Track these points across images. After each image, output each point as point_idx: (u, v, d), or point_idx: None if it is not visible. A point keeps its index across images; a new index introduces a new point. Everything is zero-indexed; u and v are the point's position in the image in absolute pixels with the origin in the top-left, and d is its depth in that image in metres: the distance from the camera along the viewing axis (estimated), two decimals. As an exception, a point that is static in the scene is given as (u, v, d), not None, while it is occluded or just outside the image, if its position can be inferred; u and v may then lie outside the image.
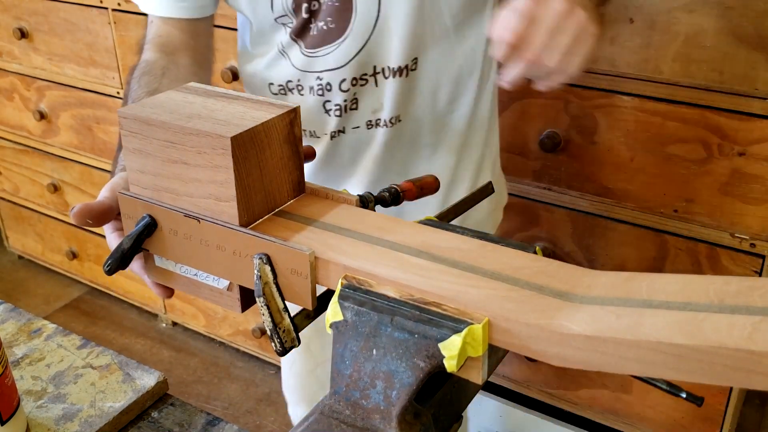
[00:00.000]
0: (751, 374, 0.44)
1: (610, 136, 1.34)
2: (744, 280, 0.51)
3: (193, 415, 0.76)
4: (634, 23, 1.24)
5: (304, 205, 0.69)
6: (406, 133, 1.05)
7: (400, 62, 0.98)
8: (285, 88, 1.03)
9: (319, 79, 0.99)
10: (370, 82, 1.00)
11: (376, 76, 0.99)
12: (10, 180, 2.51)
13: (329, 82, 0.99)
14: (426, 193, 0.81)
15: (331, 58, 0.98)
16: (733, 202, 1.28)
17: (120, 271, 0.69)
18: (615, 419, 1.59)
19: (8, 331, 0.86)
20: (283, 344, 0.62)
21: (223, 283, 0.67)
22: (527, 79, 0.75)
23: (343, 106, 1.01)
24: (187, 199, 0.66)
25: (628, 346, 0.48)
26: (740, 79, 1.19)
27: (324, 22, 0.95)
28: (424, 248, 0.61)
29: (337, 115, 1.02)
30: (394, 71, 0.99)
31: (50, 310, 2.48)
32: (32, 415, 0.74)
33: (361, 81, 0.99)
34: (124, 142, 0.68)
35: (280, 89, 1.03)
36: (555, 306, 0.52)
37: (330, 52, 0.97)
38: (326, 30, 0.96)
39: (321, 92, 1.00)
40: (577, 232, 1.46)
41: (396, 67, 0.98)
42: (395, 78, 0.99)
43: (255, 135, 0.63)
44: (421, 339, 0.53)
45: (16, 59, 2.21)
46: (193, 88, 0.72)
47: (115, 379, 0.78)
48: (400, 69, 0.99)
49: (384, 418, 0.56)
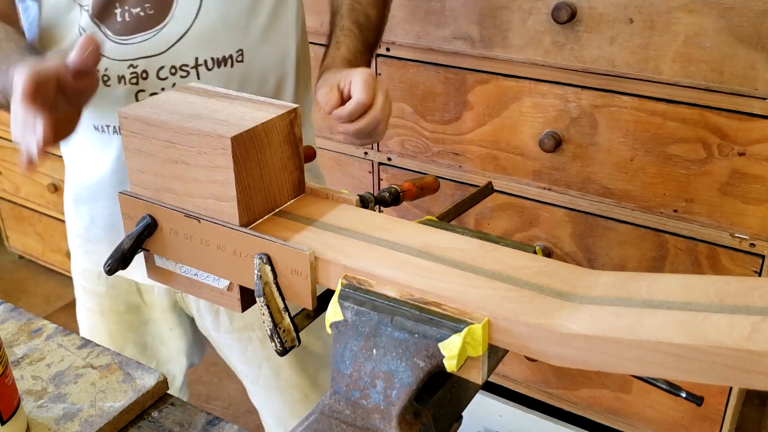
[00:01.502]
0: (751, 374, 0.44)
1: (610, 136, 1.34)
2: (744, 280, 0.51)
3: (193, 415, 0.76)
4: (634, 23, 1.24)
5: (304, 205, 0.69)
6: None
7: (224, 52, 0.96)
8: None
9: (132, 66, 0.95)
10: (192, 74, 0.96)
11: (198, 68, 0.96)
12: (10, 180, 2.52)
13: (145, 70, 0.95)
14: (426, 193, 0.81)
15: (148, 44, 0.94)
16: (733, 202, 1.28)
17: (120, 271, 0.69)
18: (615, 419, 1.59)
19: (8, 330, 0.87)
20: (283, 344, 0.62)
21: (224, 283, 0.67)
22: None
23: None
24: (188, 199, 0.66)
25: (628, 346, 0.48)
26: (740, 79, 1.19)
27: (140, 8, 0.92)
28: (424, 248, 0.61)
29: None
30: (218, 61, 0.97)
31: (50, 310, 2.48)
32: (32, 415, 0.74)
33: (182, 72, 0.96)
34: (125, 142, 0.68)
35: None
36: (555, 306, 0.52)
37: (147, 39, 0.94)
38: (143, 16, 0.93)
39: (135, 80, 0.95)
40: (577, 232, 1.46)
41: (220, 57, 0.96)
42: (219, 69, 0.97)
43: (255, 135, 0.63)
44: (421, 339, 0.53)
45: (16, 59, 2.21)
46: (194, 89, 0.72)
47: (115, 378, 0.78)
48: (224, 59, 0.97)
49: (384, 418, 0.56)
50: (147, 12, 0.93)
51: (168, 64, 0.95)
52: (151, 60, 0.95)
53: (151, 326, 1.17)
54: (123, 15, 0.93)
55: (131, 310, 1.15)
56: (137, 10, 0.93)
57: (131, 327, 1.16)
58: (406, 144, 1.58)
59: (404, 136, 1.58)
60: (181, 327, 1.19)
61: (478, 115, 1.47)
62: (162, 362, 1.21)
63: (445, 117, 1.51)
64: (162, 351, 1.20)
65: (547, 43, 1.33)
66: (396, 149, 1.60)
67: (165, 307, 1.15)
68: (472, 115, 1.47)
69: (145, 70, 0.95)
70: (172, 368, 1.22)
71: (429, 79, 1.50)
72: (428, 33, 1.45)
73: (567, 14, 1.26)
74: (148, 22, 0.93)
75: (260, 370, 1.19)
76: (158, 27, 0.93)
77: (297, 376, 1.19)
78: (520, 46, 1.36)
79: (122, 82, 0.95)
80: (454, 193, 1.57)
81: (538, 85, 1.38)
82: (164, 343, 1.19)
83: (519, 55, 1.37)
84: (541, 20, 1.31)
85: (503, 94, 1.42)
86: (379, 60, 1.53)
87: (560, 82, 1.35)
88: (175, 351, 1.21)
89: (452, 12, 1.41)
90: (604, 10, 1.25)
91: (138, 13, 0.93)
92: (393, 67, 1.52)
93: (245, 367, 1.21)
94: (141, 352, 1.18)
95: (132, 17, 0.93)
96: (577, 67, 1.32)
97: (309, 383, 1.20)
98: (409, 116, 1.55)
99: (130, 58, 0.95)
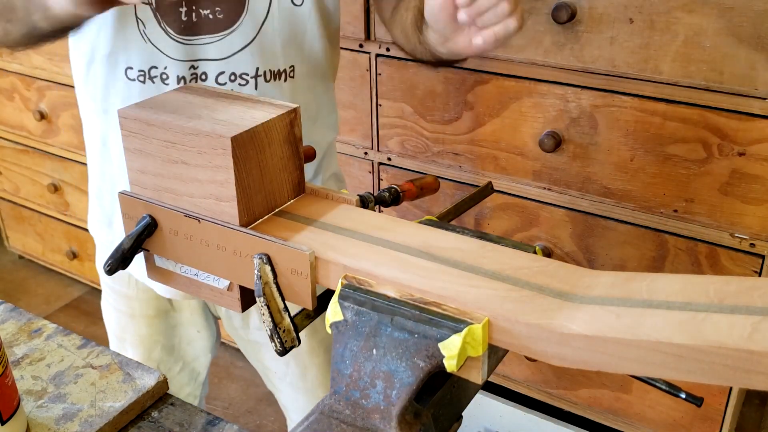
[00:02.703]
0: (751, 374, 0.44)
1: (610, 136, 1.34)
2: (744, 280, 0.51)
3: (193, 415, 0.76)
4: (634, 23, 1.24)
5: (304, 205, 0.69)
6: None
7: (280, 66, 0.96)
8: (146, 75, 0.95)
9: (193, 68, 0.94)
10: (250, 83, 0.96)
11: (257, 78, 0.96)
12: (10, 180, 2.51)
13: (205, 72, 0.94)
14: (426, 193, 0.81)
15: (212, 48, 0.93)
16: (732, 202, 1.28)
17: (120, 270, 0.69)
18: (615, 419, 1.59)
19: (8, 331, 0.86)
20: (283, 344, 0.62)
21: (224, 283, 0.67)
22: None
23: None
24: (188, 199, 0.66)
25: (628, 346, 0.48)
26: (740, 79, 1.19)
27: (211, 10, 0.91)
28: (424, 248, 0.61)
29: None
30: (275, 74, 0.97)
31: (50, 310, 2.48)
32: (32, 415, 0.74)
33: (241, 80, 0.96)
34: (125, 142, 0.68)
35: (139, 75, 0.95)
36: (555, 306, 0.52)
37: (212, 42, 0.93)
38: (212, 19, 0.92)
39: (194, 82, 0.94)
40: (577, 232, 1.46)
41: (275, 70, 0.96)
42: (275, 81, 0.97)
43: (255, 135, 0.63)
44: (421, 339, 0.53)
45: (17, 59, 2.21)
46: (194, 89, 0.72)
47: (115, 378, 0.78)
48: (279, 72, 0.97)
49: (384, 418, 0.56)
50: (217, 15, 0.92)
51: (228, 71, 0.95)
52: (212, 63, 0.94)
53: (179, 329, 1.18)
54: (189, 14, 0.92)
55: (160, 314, 1.16)
56: (207, 12, 0.92)
57: (160, 331, 1.17)
58: (406, 144, 1.58)
59: (404, 136, 1.58)
60: (208, 329, 1.20)
61: (478, 115, 1.47)
62: (188, 362, 1.22)
63: (445, 117, 1.51)
64: (189, 351, 1.21)
65: (547, 43, 1.33)
66: (396, 149, 1.60)
67: (194, 310, 1.16)
68: (472, 115, 1.47)
69: (205, 72, 0.94)
70: (197, 365, 1.23)
71: (429, 79, 1.50)
72: (428, 33, 1.45)
73: (567, 14, 1.26)
74: (216, 25, 0.92)
75: (287, 368, 1.20)
76: (226, 31, 0.93)
77: (322, 376, 1.19)
78: (520, 46, 1.36)
79: (182, 83, 0.95)
80: (454, 193, 1.57)
81: (538, 85, 1.38)
82: (191, 344, 1.20)
83: (519, 55, 1.37)
84: (541, 20, 1.31)
85: (503, 94, 1.42)
86: (379, 60, 1.54)
87: (560, 82, 1.35)
88: (201, 350, 1.22)
89: (452, 12, 1.41)
90: (604, 10, 1.25)
91: (207, 15, 0.92)
92: (393, 67, 1.52)
93: (273, 364, 1.21)
94: (169, 354, 1.19)
95: (200, 18, 0.92)
96: (577, 67, 1.32)
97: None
98: (409, 116, 1.55)
99: (192, 59, 0.94)
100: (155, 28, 0.92)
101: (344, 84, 1.60)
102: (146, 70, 0.95)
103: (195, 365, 1.23)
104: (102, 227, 1.11)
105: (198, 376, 1.24)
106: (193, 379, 1.24)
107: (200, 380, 1.25)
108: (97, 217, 1.11)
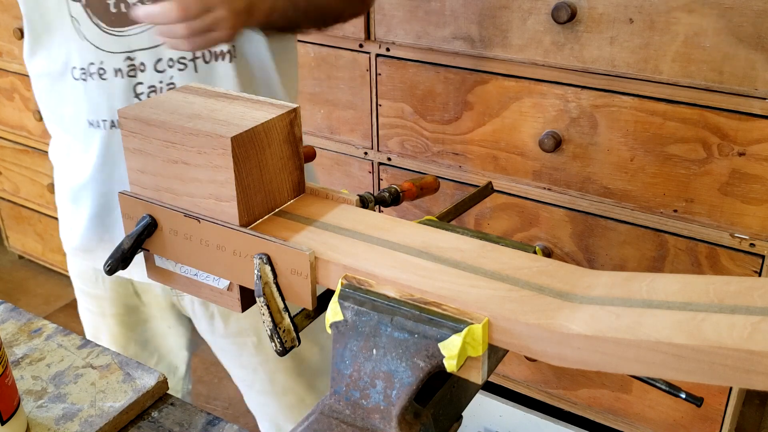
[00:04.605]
0: (751, 374, 0.44)
1: (610, 136, 1.34)
2: (744, 280, 0.51)
3: (193, 415, 0.76)
4: (634, 23, 1.24)
5: (304, 205, 0.69)
6: None
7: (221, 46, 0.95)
8: (86, 72, 0.95)
9: (129, 59, 0.94)
10: (189, 66, 0.96)
11: (195, 60, 0.95)
12: (10, 180, 2.51)
13: (143, 62, 0.94)
14: (426, 193, 0.81)
15: (146, 36, 0.93)
16: (732, 202, 1.28)
17: (120, 270, 0.69)
18: (615, 419, 1.59)
19: (8, 330, 0.86)
20: (283, 344, 0.62)
21: (223, 283, 0.67)
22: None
23: (158, 88, 0.96)
24: (188, 199, 0.66)
25: (628, 346, 0.48)
26: (740, 79, 1.19)
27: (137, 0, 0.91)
28: (424, 248, 0.61)
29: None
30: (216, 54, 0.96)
31: (50, 310, 2.48)
32: (32, 415, 0.74)
33: (179, 64, 0.95)
34: (125, 142, 0.68)
35: (82, 73, 0.96)
36: (555, 306, 0.52)
37: (144, 30, 0.93)
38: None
39: (133, 73, 0.95)
40: (577, 232, 1.46)
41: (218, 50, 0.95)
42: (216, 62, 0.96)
43: (255, 135, 0.63)
44: (421, 339, 0.53)
45: (16, 59, 2.21)
46: (193, 89, 0.72)
47: (115, 378, 0.78)
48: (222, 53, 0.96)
49: (384, 418, 0.56)
50: (145, 3, 0.91)
51: (165, 57, 0.95)
52: (147, 53, 0.94)
53: (150, 323, 1.18)
54: (118, 5, 0.92)
55: (130, 311, 1.16)
56: (134, 1, 0.92)
57: (132, 327, 1.17)
58: (406, 144, 1.58)
59: (404, 136, 1.58)
60: (180, 325, 1.19)
61: (478, 115, 1.47)
62: (163, 355, 1.22)
63: (445, 117, 1.51)
64: (163, 345, 1.21)
65: (547, 43, 1.33)
66: (396, 149, 1.60)
67: (163, 307, 1.16)
68: (472, 115, 1.47)
69: (143, 63, 0.95)
70: (174, 359, 1.23)
71: (429, 79, 1.50)
72: (428, 33, 1.45)
73: (567, 14, 1.26)
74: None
75: (255, 375, 1.19)
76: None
77: (292, 381, 1.19)
78: (520, 46, 1.36)
79: (119, 75, 0.95)
80: (454, 193, 1.57)
81: (537, 85, 1.38)
82: (165, 337, 1.20)
83: (519, 55, 1.37)
84: (541, 20, 1.31)
85: (503, 94, 1.42)
86: (379, 60, 1.54)
87: (560, 82, 1.35)
88: (175, 345, 1.22)
89: (452, 12, 1.41)
90: (604, 10, 1.25)
91: (135, 4, 0.92)
92: (393, 67, 1.52)
93: (240, 371, 1.21)
94: (143, 348, 1.19)
95: (129, 8, 0.92)
96: (577, 67, 1.32)
97: (305, 387, 1.19)
98: (409, 116, 1.55)
99: (126, 50, 0.94)
100: (88, 23, 0.93)
101: (344, 84, 1.60)
102: (86, 68, 0.95)
103: (171, 359, 1.23)
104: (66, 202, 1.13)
105: (176, 370, 1.24)
106: (172, 373, 1.23)
107: (180, 375, 1.25)
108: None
